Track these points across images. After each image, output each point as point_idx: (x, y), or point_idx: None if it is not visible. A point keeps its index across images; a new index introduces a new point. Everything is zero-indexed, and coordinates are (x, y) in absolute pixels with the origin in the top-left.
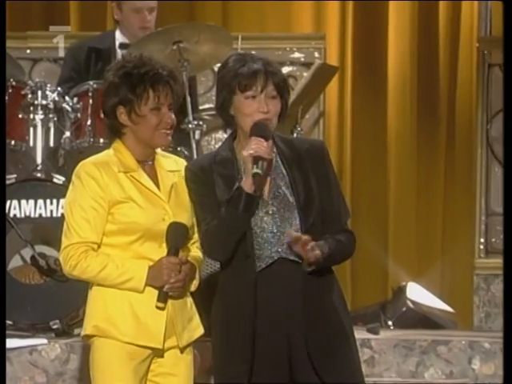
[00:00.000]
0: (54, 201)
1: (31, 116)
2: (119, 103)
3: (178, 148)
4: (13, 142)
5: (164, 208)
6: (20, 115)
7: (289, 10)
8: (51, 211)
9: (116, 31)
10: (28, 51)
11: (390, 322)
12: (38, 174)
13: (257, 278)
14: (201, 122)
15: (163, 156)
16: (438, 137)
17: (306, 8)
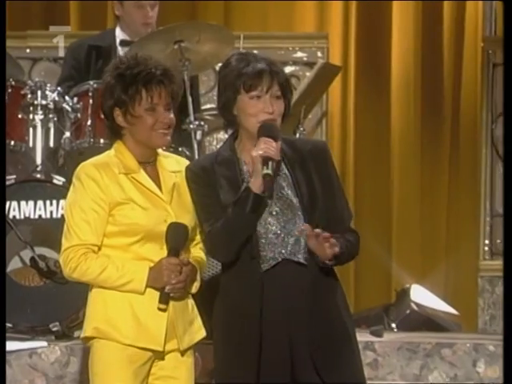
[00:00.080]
0: (54, 202)
1: (31, 116)
2: (115, 105)
3: (180, 148)
4: (12, 143)
5: (166, 209)
6: (19, 115)
7: (291, 10)
8: (51, 212)
9: (116, 28)
10: (28, 50)
11: (393, 325)
12: (38, 175)
13: (262, 279)
14: (202, 123)
15: (165, 156)
16: (442, 137)
17: (308, 7)
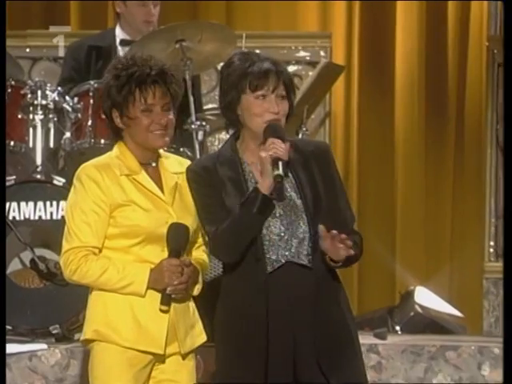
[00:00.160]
0: (54, 203)
1: (31, 116)
2: (112, 106)
3: (181, 149)
4: (12, 143)
5: (167, 211)
6: (19, 115)
7: (294, 10)
8: (51, 213)
9: (116, 28)
10: (27, 50)
11: (397, 327)
12: (38, 176)
13: (267, 281)
14: (204, 123)
15: (167, 157)
16: (446, 137)
17: (311, 7)
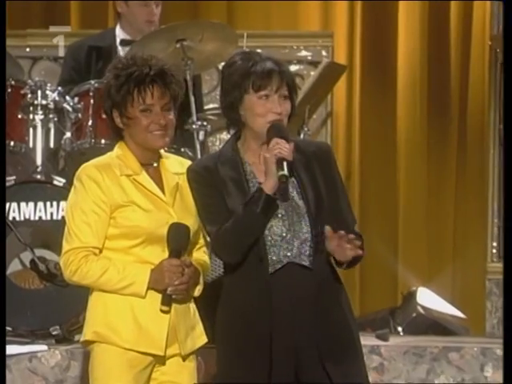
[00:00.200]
0: (55, 203)
1: (31, 116)
2: (112, 106)
3: (182, 149)
4: (12, 143)
5: (168, 212)
6: (19, 115)
7: (295, 10)
8: (51, 214)
9: (116, 27)
10: (27, 49)
11: (399, 328)
12: (38, 176)
13: (270, 281)
14: (205, 123)
15: (168, 158)
16: (449, 137)
17: (313, 7)
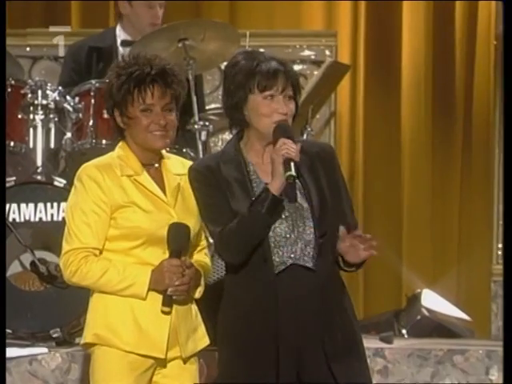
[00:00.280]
0: (55, 204)
1: (31, 116)
2: (114, 105)
3: (184, 149)
4: (12, 144)
5: (169, 213)
6: (19, 115)
7: (298, 10)
8: (52, 215)
9: (117, 28)
10: (28, 49)
11: (404, 331)
12: (39, 177)
13: (275, 282)
14: (207, 123)
15: (170, 158)
16: (454, 137)
17: (316, 7)
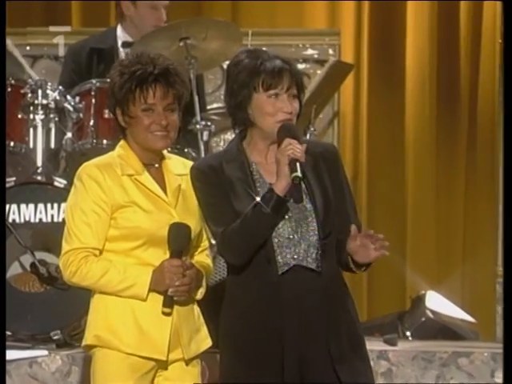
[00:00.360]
0: (55, 205)
1: (31, 116)
2: (115, 104)
3: (186, 149)
4: (12, 144)
5: (170, 213)
6: (19, 115)
7: (301, 9)
8: (52, 216)
9: (118, 28)
10: (28, 48)
11: (408, 333)
12: (39, 177)
13: (279, 282)
14: (209, 123)
15: (171, 159)
16: (458, 136)
17: (319, 7)
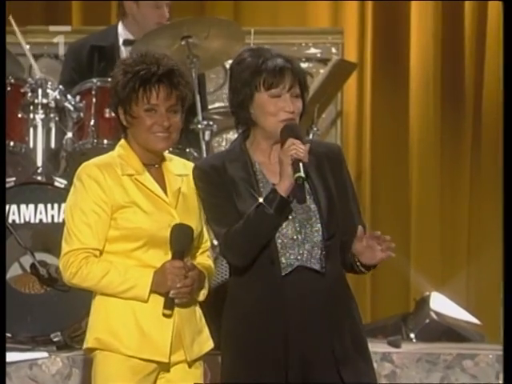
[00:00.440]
0: (56, 205)
1: (31, 116)
2: (118, 103)
3: (187, 149)
4: (12, 143)
5: (170, 213)
6: (19, 115)
7: (304, 9)
8: (52, 216)
9: (119, 26)
10: (28, 47)
11: (412, 335)
12: (39, 177)
13: (282, 284)
14: (211, 122)
15: (171, 159)
16: (463, 136)
17: (322, 7)
